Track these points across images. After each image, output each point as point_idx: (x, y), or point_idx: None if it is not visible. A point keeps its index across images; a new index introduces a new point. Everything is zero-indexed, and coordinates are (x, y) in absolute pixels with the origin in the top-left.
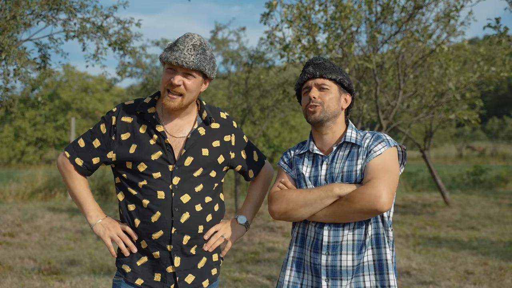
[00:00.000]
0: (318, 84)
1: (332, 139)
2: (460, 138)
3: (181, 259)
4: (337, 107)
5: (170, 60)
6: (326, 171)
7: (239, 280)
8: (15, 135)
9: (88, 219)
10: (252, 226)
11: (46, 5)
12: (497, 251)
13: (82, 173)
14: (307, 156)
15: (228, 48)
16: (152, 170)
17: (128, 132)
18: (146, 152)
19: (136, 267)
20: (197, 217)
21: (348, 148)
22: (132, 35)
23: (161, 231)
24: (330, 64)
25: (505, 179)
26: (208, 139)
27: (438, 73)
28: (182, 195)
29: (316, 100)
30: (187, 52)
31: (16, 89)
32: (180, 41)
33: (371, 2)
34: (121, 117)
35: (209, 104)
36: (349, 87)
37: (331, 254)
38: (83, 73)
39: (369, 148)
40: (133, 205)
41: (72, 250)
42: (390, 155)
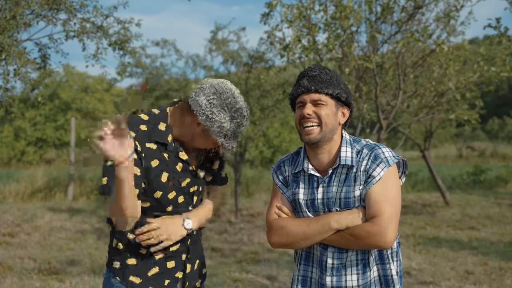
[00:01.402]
0: (313, 100)
1: (328, 157)
2: (460, 138)
3: (191, 266)
4: (334, 123)
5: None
6: (322, 195)
7: (239, 280)
8: (15, 135)
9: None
10: (252, 226)
11: (46, 5)
12: (497, 251)
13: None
14: (302, 175)
15: (228, 48)
16: (178, 195)
17: (156, 159)
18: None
19: (147, 277)
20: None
21: (344, 170)
22: (132, 35)
23: (179, 244)
24: (327, 76)
25: (505, 179)
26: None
27: (438, 73)
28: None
29: (311, 116)
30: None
31: (16, 89)
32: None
33: (371, 2)
34: (145, 143)
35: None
36: (347, 101)
37: (335, 275)
38: (83, 73)
39: (368, 171)
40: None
41: (72, 250)
42: (391, 178)
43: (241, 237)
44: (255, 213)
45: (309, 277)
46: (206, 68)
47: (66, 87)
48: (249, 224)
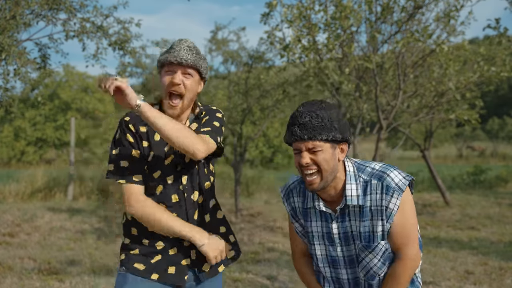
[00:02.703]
0: (308, 148)
1: (334, 192)
2: (460, 138)
3: (196, 251)
4: (333, 164)
5: (170, 59)
6: (338, 230)
7: (239, 280)
8: (15, 135)
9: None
10: (252, 226)
11: (46, 5)
12: (497, 251)
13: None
14: (313, 212)
15: (228, 48)
16: (166, 174)
17: (146, 140)
18: (161, 159)
19: (151, 264)
20: (205, 209)
21: (356, 207)
22: (132, 35)
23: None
24: (317, 120)
25: (505, 179)
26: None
27: (438, 73)
28: (192, 193)
29: (310, 164)
30: (184, 52)
31: (16, 89)
32: (175, 44)
33: (371, 2)
34: (139, 126)
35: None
36: (344, 138)
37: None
38: (83, 73)
39: (383, 205)
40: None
41: (72, 250)
42: (407, 203)
43: (241, 237)
44: (255, 213)
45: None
46: None
47: (66, 87)
48: (249, 224)
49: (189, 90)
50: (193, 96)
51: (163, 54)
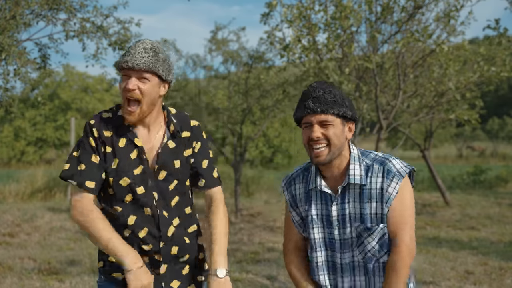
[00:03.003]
0: (319, 121)
1: (337, 172)
2: (460, 138)
3: (167, 266)
4: (342, 140)
5: (121, 64)
6: (337, 212)
7: (239, 280)
8: (15, 135)
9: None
10: (252, 226)
11: (46, 5)
12: (497, 251)
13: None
14: (314, 191)
15: (228, 48)
16: (136, 184)
17: (109, 146)
18: (129, 166)
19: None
20: (179, 229)
21: (357, 187)
22: (132, 35)
23: (150, 245)
24: (331, 96)
25: (505, 179)
26: (179, 150)
27: (438, 73)
28: (163, 211)
29: (321, 138)
30: (138, 55)
31: (16, 89)
32: (131, 47)
33: (371, 2)
34: (103, 130)
35: (178, 111)
36: (353, 117)
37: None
38: (83, 73)
39: (383, 188)
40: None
41: (72, 250)
42: (406, 189)
43: (241, 237)
44: (255, 213)
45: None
46: (206, 68)
47: (66, 87)
48: (249, 224)
49: (147, 95)
50: (153, 100)
51: (119, 58)
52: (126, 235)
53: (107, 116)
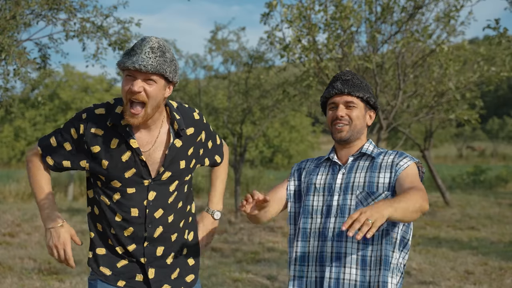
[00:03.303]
0: (346, 102)
1: (351, 151)
2: (460, 138)
3: (155, 270)
4: (363, 124)
5: (128, 65)
6: (342, 180)
7: (239, 280)
8: (15, 135)
9: (45, 222)
10: (252, 226)
11: (46, 5)
12: (497, 251)
13: (52, 170)
14: (324, 165)
15: (228, 48)
16: (127, 186)
17: (97, 145)
18: (119, 170)
19: (117, 269)
20: (170, 227)
21: (368, 160)
22: (132, 35)
23: (134, 245)
24: (358, 81)
25: (505, 179)
26: (185, 149)
27: (438, 73)
28: (156, 211)
29: (344, 118)
30: (145, 56)
31: (16, 89)
32: (137, 45)
33: (371, 2)
34: (91, 128)
35: (180, 104)
36: (375, 105)
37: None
38: (83, 73)
39: (394, 162)
40: (107, 213)
41: (72, 250)
42: (415, 170)
43: (241, 237)
44: None
45: (305, 276)
46: (206, 68)
47: (66, 87)
48: (249, 224)
49: (152, 98)
50: (158, 102)
51: (123, 56)
52: (113, 232)
53: (100, 113)
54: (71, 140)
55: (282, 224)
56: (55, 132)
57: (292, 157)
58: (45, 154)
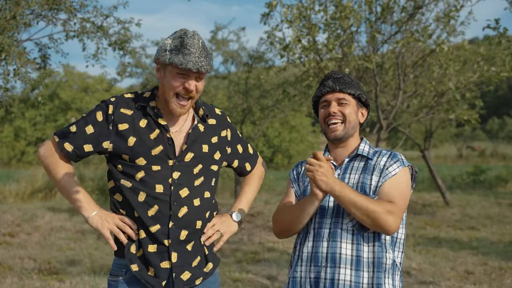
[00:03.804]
0: (337, 99)
1: (345, 151)
2: (460, 138)
3: (177, 254)
4: (356, 121)
5: (189, 66)
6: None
7: (239, 280)
8: (15, 135)
9: (83, 212)
10: (252, 226)
11: (46, 5)
12: (497, 251)
13: (70, 159)
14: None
15: (228, 48)
16: (152, 163)
17: (126, 123)
18: (147, 147)
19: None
20: (195, 211)
21: (363, 161)
22: (132, 35)
23: (158, 225)
24: (349, 79)
25: (505, 179)
26: (208, 135)
27: (438, 73)
28: (181, 189)
29: (337, 114)
30: (201, 56)
31: (16, 89)
32: (188, 44)
33: (371, 2)
34: (120, 108)
35: (203, 101)
36: (366, 102)
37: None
38: (83, 73)
39: (385, 165)
40: (128, 196)
41: (72, 250)
42: (404, 176)
43: (241, 237)
44: (255, 213)
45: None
46: None
47: (66, 87)
48: (249, 224)
49: (199, 92)
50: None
51: (176, 54)
52: (136, 215)
53: (129, 96)
54: (95, 122)
55: None
56: (77, 121)
57: (292, 157)
58: (62, 141)
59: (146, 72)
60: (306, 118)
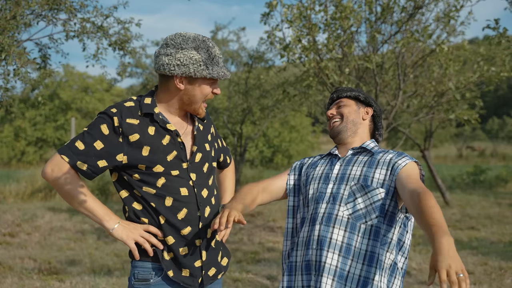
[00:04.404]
0: (336, 104)
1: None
2: (460, 138)
3: (206, 253)
4: (355, 116)
5: (227, 76)
6: (338, 171)
7: (239, 280)
8: (15, 135)
9: (105, 224)
10: (252, 226)
11: (46, 5)
12: (497, 251)
13: (86, 177)
14: (325, 159)
15: (228, 48)
16: (170, 169)
17: (136, 133)
18: (162, 153)
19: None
20: (214, 209)
21: (368, 155)
22: (132, 36)
23: (189, 227)
24: (348, 88)
25: (505, 179)
26: (206, 134)
27: (438, 73)
28: (202, 190)
29: (335, 115)
30: (224, 64)
31: (16, 89)
32: (217, 54)
33: (371, 2)
34: (126, 119)
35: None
36: (366, 100)
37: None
38: (83, 73)
39: (392, 160)
40: (153, 203)
41: (72, 250)
42: (415, 168)
43: (241, 237)
44: (255, 213)
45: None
46: None
47: (66, 87)
48: (249, 224)
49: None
50: None
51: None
52: (162, 222)
53: (130, 105)
54: (101, 137)
55: (282, 224)
56: (78, 137)
57: (292, 157)
58: (73, 161)
59: (146, 72)
60: (306, 118)
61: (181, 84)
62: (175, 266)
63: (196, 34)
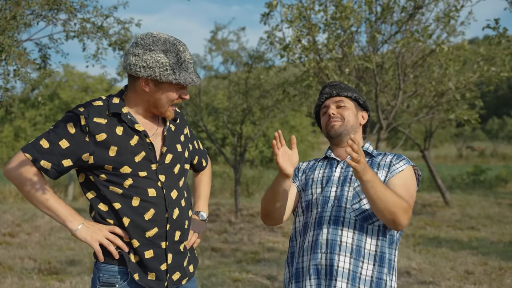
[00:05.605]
0: (335, 101)
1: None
2: (460, 138)
3: (172, 256)
4: (355, 121)
5: (195, 82)
6: (340, 173)
7: (239, 280)
8: (15, 135)
9: (68, 224)
10: (252, 226)
11: (46, 5)
12: (497, 251)
13: (49, 177)
14: (321, 163)
15: (228, 48)
16: (138, 170)
17: (103, 133)
18: (129, 154)
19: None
20: (183, 212)
21: (367, 157)
22: (132, 36)
23: (156, 228)
24: (345, 85)
25: (505, 179)
26: (178, 134)
27: (438, 73)
28: (172, 191)
29: (336, 115)
30: (194, 70)
31: (16, 89)
32: (186, 59)
33: (371, 2)
34: (93, 118)
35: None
36: (365, 105)
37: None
38: (83, 73)
39: (391, 162)
40: (118, 203)
41: (72, 250)
42: (410, 174)
43: (241, 237)
44: (255, 213)
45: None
46: (206, 68)
47: (66, 87)
48: (249, 224)
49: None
50: None
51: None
52: (126, 224)
53: (98, 104)
54: (67, 136)
55: (282, 224)
56: (44, 135)
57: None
58: (37, 159)
59: None
60: (306, 118)
61: (147, 86)
62: (141, 270)
63: (169, 36)
